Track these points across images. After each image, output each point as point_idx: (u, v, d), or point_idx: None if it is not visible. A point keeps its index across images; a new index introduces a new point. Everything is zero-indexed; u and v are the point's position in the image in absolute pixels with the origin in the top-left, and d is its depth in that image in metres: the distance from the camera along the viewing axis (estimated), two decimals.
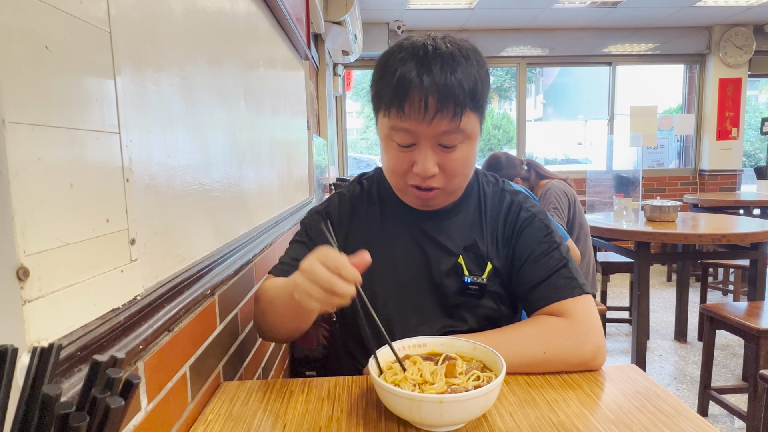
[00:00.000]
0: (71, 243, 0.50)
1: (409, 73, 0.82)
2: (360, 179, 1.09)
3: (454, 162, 0.88)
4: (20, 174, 0.43)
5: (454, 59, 0.82)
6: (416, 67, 0.82)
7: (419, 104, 0.81)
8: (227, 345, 0.97)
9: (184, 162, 0.82)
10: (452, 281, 0.96)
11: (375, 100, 0.90)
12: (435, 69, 0.81)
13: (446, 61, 0.82)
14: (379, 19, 4.98)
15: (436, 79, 0.81)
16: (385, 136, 0.89)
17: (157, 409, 0.65)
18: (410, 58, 0.83)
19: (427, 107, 0.81)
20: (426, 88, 0.81)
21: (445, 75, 0.81)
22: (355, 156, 8.81)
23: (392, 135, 0.87)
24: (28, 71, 0.45)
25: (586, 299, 0.90)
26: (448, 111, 0.82)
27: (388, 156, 0.90)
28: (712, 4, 4.63)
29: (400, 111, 0.83)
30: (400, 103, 0.82)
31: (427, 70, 0.81)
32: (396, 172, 0.90)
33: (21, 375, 0.34)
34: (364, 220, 1.02)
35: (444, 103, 0.81)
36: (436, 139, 0.85)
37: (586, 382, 0.82)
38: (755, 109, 9.76)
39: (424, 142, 0.85)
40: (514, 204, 1.00)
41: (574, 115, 11.45)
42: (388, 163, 0.91)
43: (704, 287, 3.58)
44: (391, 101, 0.83)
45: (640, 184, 3.22)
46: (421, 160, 0.86)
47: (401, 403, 0.67)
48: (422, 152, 0.86)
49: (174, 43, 0.79)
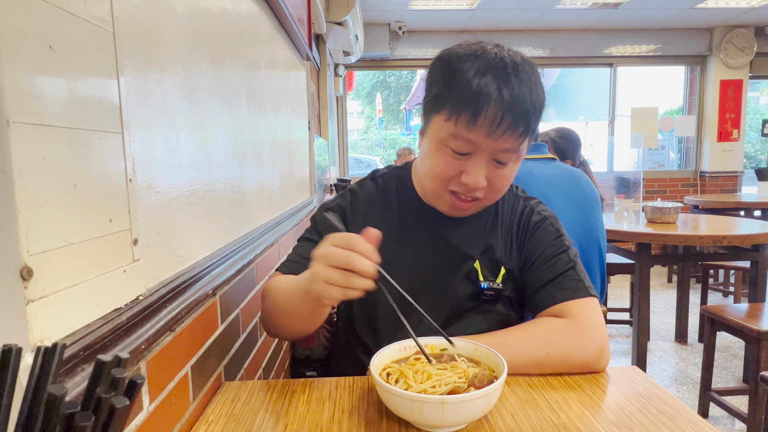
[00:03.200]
0: (74, 243, 0.50)
1: (489, 85, 0.79)
2: (374, 177, 1.05)
3: (502, 179, 0.88)
4: (24, 174, 0.43)
5: (529, 78, 0.81)
6: (495, 79, 0.79)
7: (494, 119, 0.79)
8: (228, 345, 0.97)
9: (186, 162, 0.82)
10: (466, 286, 0.96)
11: (436, 101, 0.85)
12: (514, 84, 0.79)
13: (524, 78, 0.80)
14: (380, 20, 4.98)
15: (515, 95, 0.79)
16: (439, 139, 0.85)
17: (159, 409, 0.65)
18: (488, 69, 0.80)
19: (500, 123, 0.79)
20: (505, 103, 0.78)
21: (522, 92, 0.79)
22: (355, 156, 8.83)
23: (449, 141, 0.84)
24: (33, 71, 0.45)
25: (591, 301, 0.90)
26: (518, 129, 0.81)
27: (438, 160, 0.87)
28: (713, 5, 4.63)
29: (472, 121, 0.80)
30: (474, 114, 0.79)
31: (507, 84, 0.79)
32: (442, 177, 0.88)
33: (24, 375, 0.34)
34: (380, 219, 0.99)
35: (517, 121, 0.80)
36: (493, 154, 0.84)
37: (587, 383, 0.82)
38: (756, 111, 9.77)
39: (482, 155, 0.84)
40: (527, 209, 1.01)
41: (575, 116, 11.44)
42: (435, 167, 0.88)
43: (705, 289, 3.58)
44: (464, 109, 0.80)
45: (641, 186, 3.22)
46: (474, 172, 0.84)
47: (403, 403, 0.67)
48: (477, 164, 0.84)
49: (177, 44, 0.79)
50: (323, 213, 0.95)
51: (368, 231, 0.70)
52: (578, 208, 1.79)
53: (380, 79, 14.03)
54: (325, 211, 1.01)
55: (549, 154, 1.90)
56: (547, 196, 1.53)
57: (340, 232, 0.71)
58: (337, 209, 1.01)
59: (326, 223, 0.95)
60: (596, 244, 1.83)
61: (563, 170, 1.85)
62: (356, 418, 0.73)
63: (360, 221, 0.99)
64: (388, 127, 13.70)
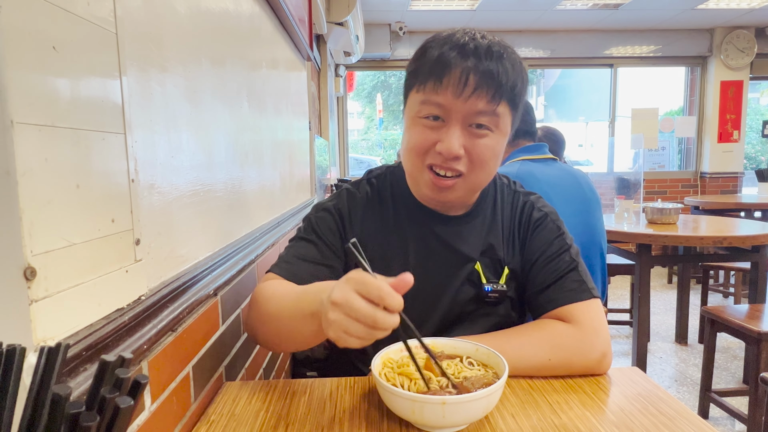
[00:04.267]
0: (77, 243, 0.50)
1: (451, 51, 0.81)
2: (369, 178, 1.02)
3: (481, 148, 0.83)
4: (28, 174, 0.44)
5: (499, 51, 0.82)
6: (459, 48, 0.81)
7: (459, 79, 0.80)
8: (229, 345, 0.97)
9: (188, 162, 0.82)
10: (468, 289, 0.94)
11: (410, 78, 0.87)
12: (480, 53, 0.80)
13: (491, 49, 0.81)
14: (381, 20, 4.98)
15: (481, 60, 0.80)
16: (413, 114, 0.85)
17: (161, 408, 0.65)
18: (455, 44, 0.82)
19: (466, 83, 0.80)
20: (469, 67, 0.80)
21: (489, 60, 0.80)
22: (356, 157, 8.83)
23: (421, 110, 0.84)
24: (36, 72, 0.45)
25: (593, 303, 0.88)
26: (488, 92, 0.80)
27: (413, 134, 0.85)
28: (714, 6, 4.63)
29: (438, 83, 0.81)
30: (439, 76, 0.81)
31: (473, 53, 0.80)
32: (417, 150, 0.85)
33: (28, 375, 0.34)
34: (377, 223, 0.96)
35: (485, 83, 0.80)
36: (467, 119, 0.82)
37: (588, 384, 0.82)
38: (756, 112, 9.77)
39: (455, 121, 0.82)
40: (527, 205, 0.99)
41: (575, 116, 11.44)
42: (410, 141, 0.86)
43: (705, 290, 3.58)
44: (430, 74, 0.82)
45: (641, 187, 3.22)
46: (447, 139, 0.81)
47: (404, 404, 0.67)
48: (450, 131, 0.82)
49: (178, 44, 0.80)
50: (331, 225, 0.94)
51: (404, 278, 0.61)
52: (579, 209, 1.79)
53: (381, 80, 14.03)
54: (322, 210, 0.97)
55: (549, 155, 1.90)
56: (549, 196, 1.53)
57: (365, 268, 0.63)
58: (335, 212, 0.96)
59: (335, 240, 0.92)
60: (597, 244, 1.83)
61: (564, 171, 1.85)
62: (357, 418, 0.73)
63: (357, 225, 0.96)
64: (388, 128, 13.69)
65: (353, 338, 0.61)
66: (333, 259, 0.93)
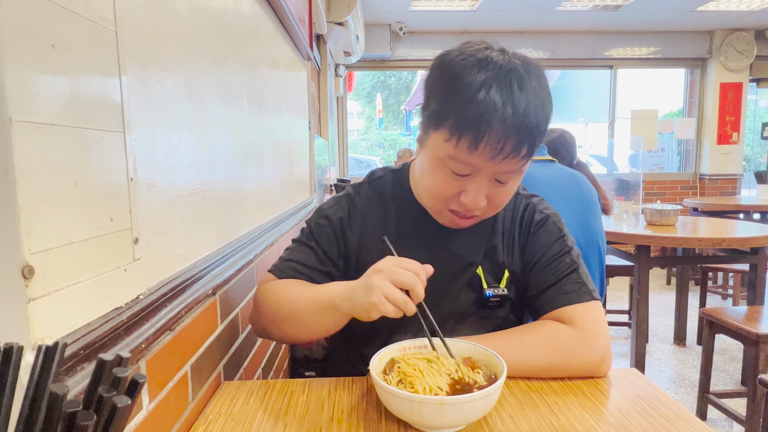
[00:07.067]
0: (76, 241, 0.50)
1: (492, 104, 0.73)
2: (371, 181, 1.01)
3: (502, 196, 0.85)
4: (26, 173, 0.43)
5: (537, 91, 0.77)
6: (500, 94, 0.74)
7: (496, 143, 0.75)
8: (228, 345, 0.97)
9: (187, 161, 0.82)
10: (468, 293, 0.94)
11: (435, 118, 0.80)
12: (520, 101, 0.74)
13: (529, 91, 0.76)
14: (381, 21, 4.98)
15: (520, 114, 0.74)
16: (438, 157, 0.81)
17: (159, 408, 0.65)
18: (492, 81, 0.74)
19: (503, 149, 0.75)
20: (509, 125, 0.74)
21: (528, 111, 0.75)
22: (355, 156, 8.83)
23: (448, 161, 0.79)
24: (35, 70, 0.45)
25: (594, 306, 0.88)
26: (522, 152, 0.77)
27: (436, 179, 0.83)
28: (714, 8, 4.64)
29: (473, 146, 0.75)
30: (476, 138, 0.75)
31: (511, 101, 0.74)
32: (441, 197, 0.85)
33: (25, 373, 0.34)
34: (378, 228, 0.95)
35: (521, 144, 0.76)
36: (494, 175, 0.80)
37: (587, 386, 0.82)
38: (755, 114, 9.77)
39: (482, 176, 0.80)
40: (529, 206, 0.98)
41: (575, 118, 11.44)
42: (434, 187, 0.84)
43: (704, 291, 3.58)
44: (464, 132, 0.75)
45: (640, 188, 3.22)
46: (473, 194, 0.81)
47: (402, 404, 0.67)
48: (476, 185, 0.81)
49: (178, 43, 0.79)
50: (328, 232, 0.95)
51: (428, 267, 0.75)
52: (578, 210, 1.79)
53: (380, 80, 14.03)
54: (323, 218, 0.97)
55: (548, 156, 1.91)
56: (549, 198, 1.53)
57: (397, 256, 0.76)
58: (335, 222, 0.96)
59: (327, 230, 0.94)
60: (596, 245, 1.83)
61: (563, 172, 1.86)
62: (355, 418, 0.73)
63: (357, 231, 0.96)
64: (388, 128, 13.70)
65: (390, 305, 0.70)
66: (330, 266, 0.96)
